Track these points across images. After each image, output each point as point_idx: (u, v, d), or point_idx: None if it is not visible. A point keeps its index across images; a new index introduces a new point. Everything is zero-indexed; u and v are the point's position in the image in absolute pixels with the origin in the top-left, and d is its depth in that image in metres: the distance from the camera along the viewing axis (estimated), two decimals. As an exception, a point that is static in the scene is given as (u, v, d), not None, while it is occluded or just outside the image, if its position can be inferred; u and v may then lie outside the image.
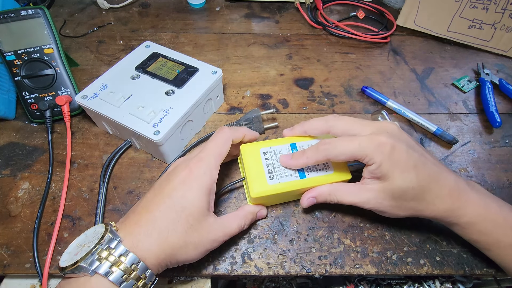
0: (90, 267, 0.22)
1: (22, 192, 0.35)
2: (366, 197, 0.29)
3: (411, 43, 0.54)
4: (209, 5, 0.61)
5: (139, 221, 0.25)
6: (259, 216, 0.32)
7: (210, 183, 0.27)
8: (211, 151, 0.28)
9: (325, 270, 0.31)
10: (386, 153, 0.26)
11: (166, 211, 0.25)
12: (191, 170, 0.27)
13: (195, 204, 0.26)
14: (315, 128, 0.32)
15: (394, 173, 0.27)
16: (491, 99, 0.44)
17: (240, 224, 0.29)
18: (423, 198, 0.27)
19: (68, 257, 0.23)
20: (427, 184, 0.27)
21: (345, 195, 0.30)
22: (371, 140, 0.27)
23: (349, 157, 0.28)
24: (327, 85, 0.47)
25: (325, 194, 0.30)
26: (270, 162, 0.32)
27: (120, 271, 0.22)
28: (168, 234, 0.24)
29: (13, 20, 0.39)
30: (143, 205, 0.26)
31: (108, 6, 0.59)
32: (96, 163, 0.38)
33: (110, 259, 0.22)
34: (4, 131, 0.41)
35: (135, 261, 0.23)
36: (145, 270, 0.23)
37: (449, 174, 0.28)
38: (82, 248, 0.23)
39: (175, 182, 0.26)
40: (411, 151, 0.27)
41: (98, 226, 0.25)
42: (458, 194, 0.27)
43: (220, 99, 0.43)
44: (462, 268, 0.31)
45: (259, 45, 0.53)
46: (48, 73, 0.40)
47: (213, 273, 0.31)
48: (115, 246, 0.23)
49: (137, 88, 0.38)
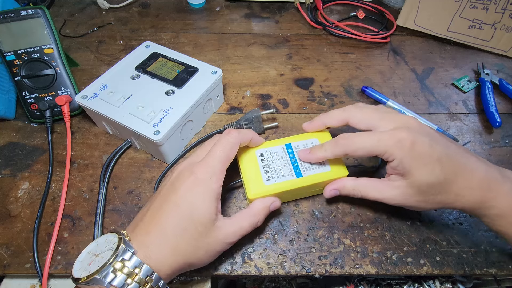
0: (105, 279, 0.21)
1: (22, 192, 0.35)
2: (392, 194, 0.28)
3: (411, 43, 0.54)
4: (209, 5, 0.61)
5: (149, 231, 0.25)
6: (273, 208, 0.31)
7: (217, 188, 0.26)
8: (218, 155, 0.27)
9: (325, 270, 0.31)
10: (407, 149, 0.26)
11: (175, 220, 0.25)
12: (197, 176, 0.26)
13: (203, 210, 0.25)
14: (334, 118, 0.31)
15: (418, 168, 0.26)
16: (491, 99, 0.44)
17: (252, 222, 0.28)
18: (451, 191, 0.27)
19: (81, 267, 0.23)
20: (454, 176, 0.26)
21: (370, 191, 0.29)
22: (390, 136, 0.27)
23: (367, 152, 0.28)
24: (327, 85, 0.47)
25: (349, 188, 0.30)
26: (266, 163, 0.32)
27: (135, 283, 0.22)
28: (178, 243, 0.24)
29: (13, 20, 0.39)
30: (151, 213, 0.26)
31: (108, 6, 0.59)
32: (96, 163, 0.38)
33: (124, 271, 0.22)
34: (4, 131, 0.41)
35: (149, 273, 0.23)
36: (158, 281, 0.23)
37: (479, 164, 0.27)
38: (95, 258, 0.23)
39: (181, 190, 0.26)
40: (434, 144, 0.27)
41: (109, 234, 0.24)
42: (489, 185, 0.26)
43: (220, 99, 0.43)
44: (462, 268, 0.31)
45: (259, 45, 0.53)
46: (48, 73, 0.40)
47: (213, 273, 0.31)
48: (129, 258, 0.23)
49: (137, 88, 0.38)
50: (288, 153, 0.33)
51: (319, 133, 0.34)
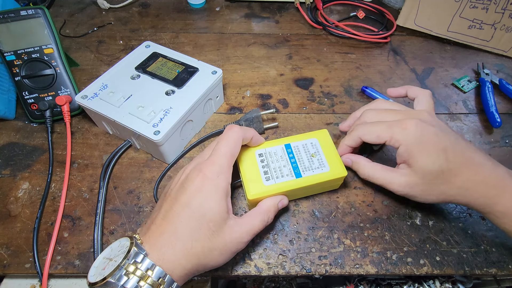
0: (119, 282, 0.22)
1: (22, 192, 0.35)
2: (398, 181, 0.30)
3: (411, 43, 0.54)
4: (209, 5, 0.61)
5: (162, 233, 0.24)
6: (281, 206, 0.31)
7: (226, 186, 0.27)
8: (223, 152, 0.27)
9: (325, 270, 0.31)
10: (413, 136, 0.28)
11: (187, 221, 0.25)
12: (205, 175, 0.26)
13: (214, 209, 0.25)
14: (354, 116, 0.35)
15: (422, 156, 0.27)
16: (491, 99, 0.44)
17: (263, 219, 0.29)
18: (455, 182, 0.27)
19: (96, 272, 0.23)
20: (458, 167, 0.27)
21: (379, 175, 0.31)
22: (399, 123, 0.29)
23: (376, 137, 0.30)
24: (327, 85, 0.47)
25: (361, 164, 0.33)
26: (265, 164, 0.32)
27: (148, 285, 0.22)
28: (192, 244, 0.24)
29: (13, 20, 0.39)
30: (162, 216, 0.26)
31: (108, 6, 0.59)
32: (96, 163, 0.38)
33: (137, 273, 0.22)
34: (4, 131, 0.41)
35: (161, 275, 0.23)
36: (171, 284, 0.23)
37: (486, 161, 0.27)
38: (109, 262, 0.23)
39: (191, 190, 0.26)
40: (441, 134, 0.28)
41: (122, 239, 0.25)
42: (495, 181, 0.27)
43: (220, 99, 0.43)
44: (462, 268, 0.31)
45: (259, 45, 0.53)
46: (48, 73, 0.40)
47: (213, 273, 0.31)
48: (141, 260, 0.23)
49: (137, 88, 0.38)
50: (288, 153, 0.33)
51: (318, 133, 0.34)
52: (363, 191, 0.36)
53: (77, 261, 0.31)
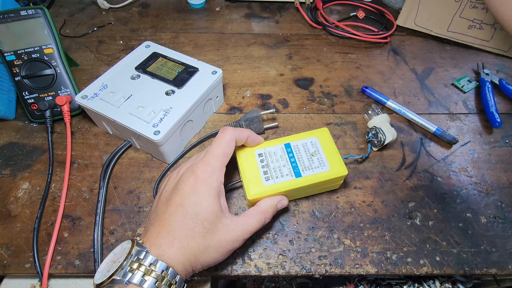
0: (124, 278, 0.22)
1: (22, 192, 0.35)
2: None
3: (411, 43, 0.54)
4: (209, 5, 0.61)
5: (159, 233, 0.25)
6: (280, 206, 0.32)
7: (218, 186, 0.27)
8: (215, 152, 0.28)
9: (325, 270, 0.31)
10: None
11: (182, 220, 0.26)
12: (197, 175, 0.27)
13: (207, 209, 0.26)
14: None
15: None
16: (491, 99, 0.44)
17: (260, 219, 0.29)
18: None
19: (101, 275, 0.23)
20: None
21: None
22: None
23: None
24: (327, 85, 0.47)
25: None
26: (265, 164, 0.32)
27: (152, 278, 0.23)
28: (188, 242, 0.25)
29: (13, 20, 0.39)
30: (159, 217, 0.27)
31: (108, 6, 0.59)
32: (96, 163, 0.38)
33: (141, 269, 0.23)
34: (4, 131, 0.41)
35: (164, 268, 0.24)
36: (174, 276, 0.24)
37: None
38: (112, 264, 0.24)
39: (184, 190, 0.27)
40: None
41: (124, 242, 0.25)
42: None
43: (220, 99, 0.43)
44: (462, 268, 0.31)
45: (259, 45, 0.53)
46: (48, 73, 0.40)
47: (213, 273, 0.31)
48: (144, 257, 0.24)
49: (137, 88, 0.38)
50: (287, 153, 0.33)
51: (319, 132, 0.34)
52: (363, 191, 0.36)
53: (77, 261, 0.31)
